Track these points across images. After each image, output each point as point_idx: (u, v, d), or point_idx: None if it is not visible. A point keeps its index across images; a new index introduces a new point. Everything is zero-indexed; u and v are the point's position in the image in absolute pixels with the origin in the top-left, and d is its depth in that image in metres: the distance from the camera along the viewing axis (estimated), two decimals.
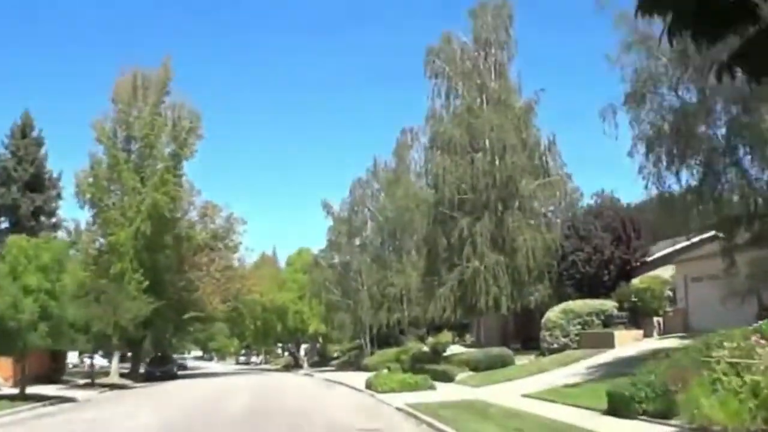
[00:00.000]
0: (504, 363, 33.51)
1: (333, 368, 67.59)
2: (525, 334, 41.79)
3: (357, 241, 59.76)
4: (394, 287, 56.15)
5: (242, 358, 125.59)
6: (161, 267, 51.46)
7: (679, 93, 21.44)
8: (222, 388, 36.22)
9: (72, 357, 66.06)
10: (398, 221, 56.32)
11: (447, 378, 32.55)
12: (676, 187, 22.40)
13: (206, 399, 29.66)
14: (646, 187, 22.81)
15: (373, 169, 60.43)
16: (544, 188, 36.57)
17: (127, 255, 48.11)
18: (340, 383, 39.05)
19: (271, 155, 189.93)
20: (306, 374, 58.38)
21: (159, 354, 60.65)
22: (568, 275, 36.82)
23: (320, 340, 77.66)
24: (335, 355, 79.39)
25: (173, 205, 49.46)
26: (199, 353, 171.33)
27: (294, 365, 76.71)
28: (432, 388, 28.59)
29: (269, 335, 77.40)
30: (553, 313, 34.83)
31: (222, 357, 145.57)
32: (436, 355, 44.90)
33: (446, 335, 55.19)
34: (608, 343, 30.92)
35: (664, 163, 22.31)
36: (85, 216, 53.23)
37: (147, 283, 47.41)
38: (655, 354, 26.03)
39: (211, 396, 31.35)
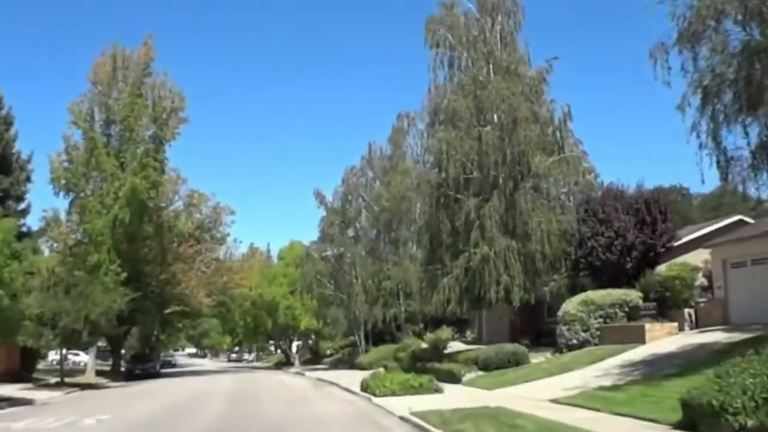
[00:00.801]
0: (517, 361, 29.02)
1: (326, 366, 62.99)
2: (535, 330, 37.36)
3: (351, 232, 55.21)
4: (390, 281, 51.62)
5: (234, 356, 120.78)
6: (142, 258, 46.94)
7: (749, 29, 16.85)
8: (199, 391, 31.71)
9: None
10: (395, 210, 51.85)
11: (453, 378, 28.07)
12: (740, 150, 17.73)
13: (176, 405, 25.12)
14: (699, 147, 18.15)
15: (367, 157, 55.86)
16: (559, 165, 32.01)
17: (104, 245, 43.43)
18: (332, 383, 34.57)
19: (262, 147, 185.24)
20: (297, 372, 53.78)
21: (141, 351, 55.60)
22: (586, 263, 32.33)
23: (312, 336, 72.99)
24: (328, 352, 74.78)
25: (154, 192, 44.84)
26: (194, 350, 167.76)
27: (285, 363, 72.09)
28: (438, 390, 24.05)
29: (259, 332, 72.56)
30: (572, 305, 30.38)
31: (215, 354, 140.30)
32: (437, 352, 40.51)
33: (446, 331, 50.63)
34: (637, 337, 26.43)
35: (724, 118, 17.67)
36: (63, 204, 48.54)
37: (125, 275, 42.72)
38: (703, 348, 21.83)
39: (183, 400, 26.79)
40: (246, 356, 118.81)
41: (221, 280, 51.72)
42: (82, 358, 73.28)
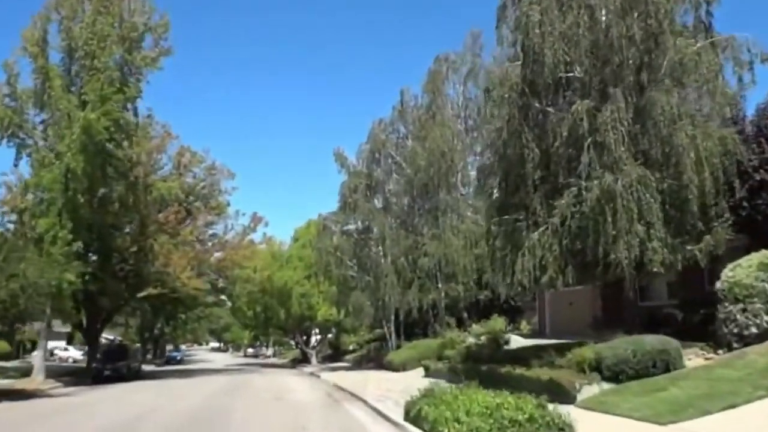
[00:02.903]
0: (667, 365, 16.17)
1: (348, 364, 50.34)
2: (646, 315, 24.44)
3: (378, 200, 42.47)
4: (427, 258, 38.88)
5: (251, 350, 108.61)
6: (109, 227, 34.45)
7: None
8: (140, 413, 18.96)
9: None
10: (433, 171, 39.21)
11: (561, 395, 15.45)
12: None
13: None
14: None
15: (399, 107, 43.26)
16: (708, 54, 19.07)
17: (53, 205, 31.12)
18: (355, 396, 22.18)
19: (278, 121, 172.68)
20: (312, 373, 41.20)
21: (113, 345, 43.24)
22: (753, 207, 19.44)
23: (332, 330, 60.29)
24: (350, 347, 62.19)
25: (119, 135, 32.34)
26: (216, 344, 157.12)
27: (302, 360, 59.45)
28: (565, 430, 11.20)
29: (271, 324, 59.98)
30: (743, 270, 17.50)
31: (237, 348, 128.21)
32: (496, 349, 28.17)
33: (498, 321, 38.22)
34: None
35: None
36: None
37: (79, 244, 30.38)
38: None
39: None
40: (265, 351, 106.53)
41: (212, 257, 38.88)
42: (72, 353, 61.44)
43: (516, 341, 33.00)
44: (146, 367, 57.98)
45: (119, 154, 32.69)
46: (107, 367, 36.49)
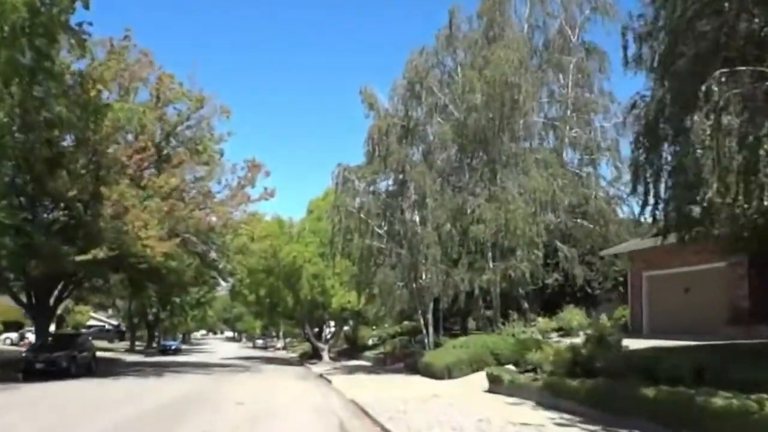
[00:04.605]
0: None
1: (367, 363, 39.15)
2: None
3: (417, 151, 31.21)
4: (482, 225, 27.57)
5: (260, 342, 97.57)
6: (43, 161, 23.43)
7: None
8: None
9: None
10: (495, 109, 28.02)
11: None
12: None
13: None
14: None
15: (447, 32, 32.00)
16: None
17: None
18: None
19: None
20: (321, 375, 29.97)
21: (56, 332, 32.11)
22: None
23: (349, 321, 48.91)
24: (370, 342, 50.83)
25: (55, 31, 21.10)
26: (231, 334, 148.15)
27: (312, 355, 48.17)
28: None
29: (277, 311, 48.63)
30: None
31: (250, 338, 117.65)
32: (609, 354, 16.78)
33: (574, 314, 27.21)
34: None
35: None
36: None
37: None
38: None
39: None
40: (275, 343, 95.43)
41: (196, 218, 27.38)
42: None
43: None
44: (128, 358, 47.20)
45: (53, 51, 21.49)
46: (40, 359, 25.53)
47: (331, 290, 41.34)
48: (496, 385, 19.44)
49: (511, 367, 20.70)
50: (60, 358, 25.71)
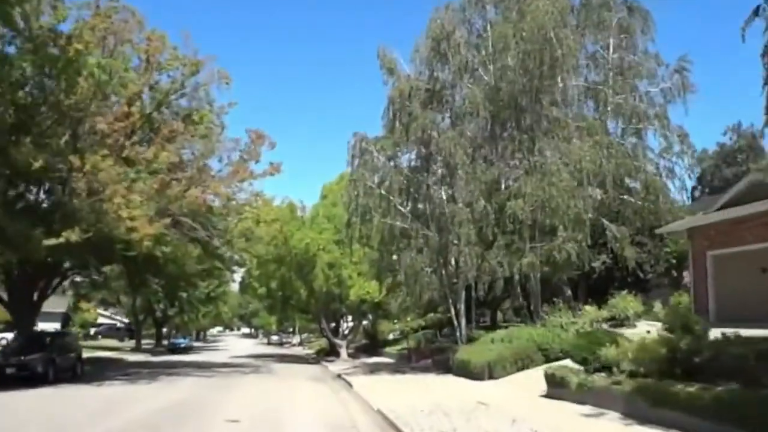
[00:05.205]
0: None
1: (389, 360, 35.21)
2: None
3: (443, 119, 27.02)
4: (521, 200, 23.47)
5: (275, 338, 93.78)
6: (6, 130, 19.54)
7: None
8: None
9: None
10: (533, 68, 23.98)
11: None
12: None
13: None
14: None
15: None
16: None
17: None
18: None
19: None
20: (339, 376, 25.86)
21: (33, 331, 27.98)
22: None
23: (368, 314, 44.76)
24: (390, 336, 46.85)
25: None
26: (247, 330, 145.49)
27: (329, 352, 44.16)
28: None
29: (290, 304, 44.56)
30: None
31: (267, 334, 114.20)
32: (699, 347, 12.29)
33: (627, 300, 23.06)
34: None
35: None
36: None
37: None
38: None
39: None
40: (290, 339, 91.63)
41: (180, 192, 23.07)
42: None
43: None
44: (131, 357, 43.43)
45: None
46: (11, 362, 21.64)
47: (349, 280, 37.27)
48: (557, 389, 15.35)
49: (570, 364, 16.55)
50: (34, 362, 21.78)
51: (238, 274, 45.65)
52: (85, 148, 21.02)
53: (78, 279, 52.05)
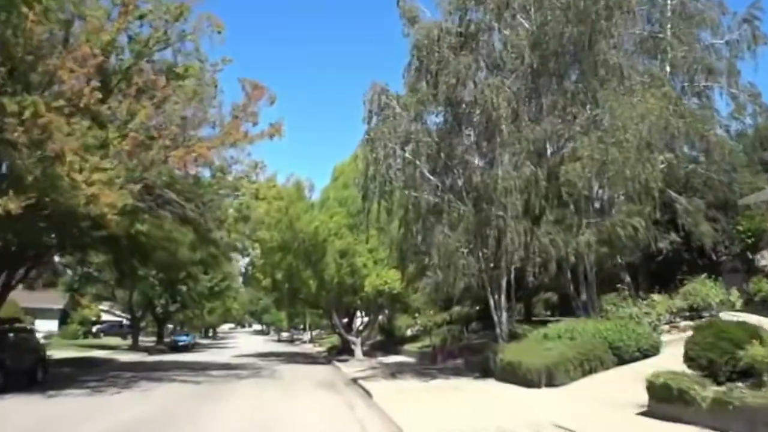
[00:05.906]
0: None
1: (410, 359, 30.54)
2: None
3: (480, 68, 22.08)
4: (576, 165, 18.59)
5: (285, 335, 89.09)
6: None
7: None
8: None
9: None
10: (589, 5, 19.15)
11: None
12: None
13: None
14: None
15: None
16: None
17: None
18: None
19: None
20: (355, 381, 21.09)
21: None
22: None
23: (385, 308, 39.74)
24: (408, 333, 41.95)
25: None
26: (259, 327, 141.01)
27: (342, 349, 39.39)
28: None
29: (298, 297, 39.72)
30: None
31: (278, 331, 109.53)
32: None
33: (706, 286, 17.96)
34: None
35: None
36: None
37: None
38: None
39: None
40: (301, 336, 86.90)
41: (157, 155, 18.14)
42: None
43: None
44: (124, 357, 38.77)
45: None
46: None
47: (363, 269, 32.44)
48: (668, 405, 10.54)
49: (671, 366, 11.67)
50: None
51: (241, 264, 41.00)
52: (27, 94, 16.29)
53: (69, 272, 47.78)
